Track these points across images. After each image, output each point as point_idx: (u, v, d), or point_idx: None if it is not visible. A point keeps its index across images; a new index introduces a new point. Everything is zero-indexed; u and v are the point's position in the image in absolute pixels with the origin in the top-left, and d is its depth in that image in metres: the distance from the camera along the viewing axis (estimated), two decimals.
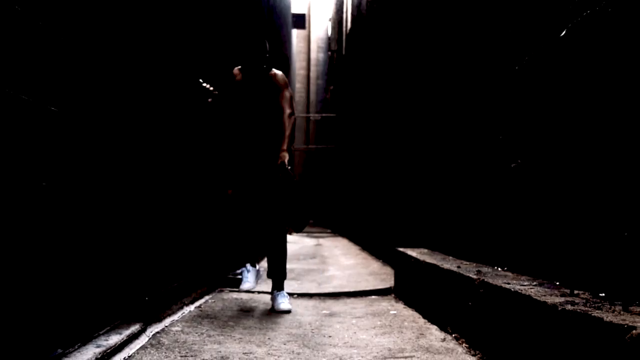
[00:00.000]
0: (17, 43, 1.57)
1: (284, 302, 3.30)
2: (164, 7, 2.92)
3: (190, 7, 3.42)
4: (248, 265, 3.50)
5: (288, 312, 3.25)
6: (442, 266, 2.90)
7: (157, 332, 2.53)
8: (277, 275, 3.37)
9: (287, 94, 3.45)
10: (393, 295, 4.01)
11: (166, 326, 2.66)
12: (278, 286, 3.39)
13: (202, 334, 2.58)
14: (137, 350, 2.23)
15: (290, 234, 11.88)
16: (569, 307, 1.64)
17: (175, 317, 2.92)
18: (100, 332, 2.25)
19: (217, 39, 4.23)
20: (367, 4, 8.90)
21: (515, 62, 2.73)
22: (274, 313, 3.24)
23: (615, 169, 1.91)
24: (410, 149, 5.19)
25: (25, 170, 1.61)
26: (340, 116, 14.15)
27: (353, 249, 8.55)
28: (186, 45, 3.35)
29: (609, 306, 1.64)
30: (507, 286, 2.09)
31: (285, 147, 3.32)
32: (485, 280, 2.29)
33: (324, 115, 15.31)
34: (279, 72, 3.56)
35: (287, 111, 3.40)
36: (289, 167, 3.33)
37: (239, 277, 4.22)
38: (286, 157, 3.28)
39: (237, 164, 3.51)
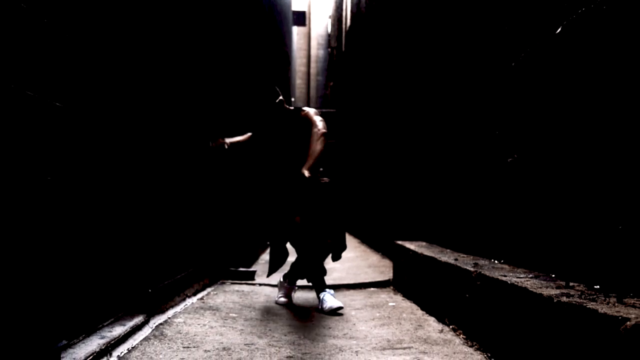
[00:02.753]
0: (22, 40, 1.60)
1: (333, 300, 3.16)
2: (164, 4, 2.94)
3: (189, 3, 3.45)
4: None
5: (340, 308, 3.10)
6: (440, 259, 2.93)
7: (160, 324, 2.56)
8: (320, 275, 3.27)
9: (319, 123, 3.23)
10: (392, 287, 4.05)
11: (169, 318, 2.70)
12: (322, 286, 3.27)
13: (205, 325, 2.62)
14: (141, 341, 2.26)
15: None
16: (564, 299, 1.66)
17: (178, 308, 2.95)
18: (104, 324, 2.29)
19: (216, 35, 4.25)
20: (366, 2, 8.90)
21: (511, 58, 2.76)
22: (274, 305, 3.28)
23: (610, 163, 1.94)
24: (409, 144, 5.21)
25: (30, 165, 1.64)
26: (340, 112, 14.16)
27: (352, 242, 8.59)
28: (184, 39, 3.38)
29: (603, 298, 1.66)
30: (504, 278, 2.12)
31: (308, 166, 3.04)
32: (482, 272, 2.32)
33: (324, 110, 15.32)
34: (311, 110, 3.39)
35: (316, 128, 3.19)
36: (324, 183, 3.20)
37: (241, 269, 4.26)
38: (306, 173, 3.04)
39: (276, 192, 3.36)
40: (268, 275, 3.46)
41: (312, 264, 3.24)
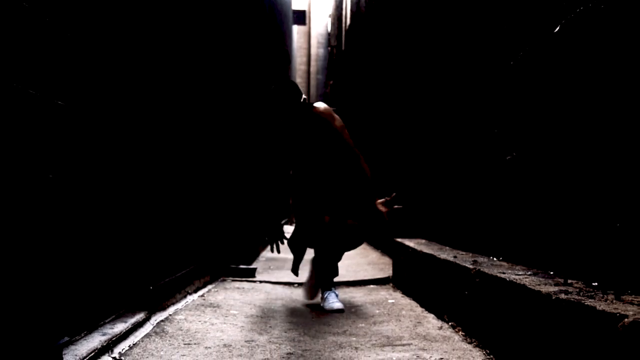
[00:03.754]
0: (24, 39, 1.61)
1: (336, 301, 3.12)
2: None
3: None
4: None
5: (341, 311, 3.05)
6: (439, 256, 2.95)
7: (162, 321, 2.58)
8: (331, 274, 3.20)
9: (345, 132, 3.17)
10: (391, 284, 4.06)
11: (170, 315, 2.72)
12: (329, 285, 3.22)
13: (205, 322, 2.63)
14: (142, 338, 2.28)
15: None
16: (562, 296, 1.67)
17: (179, 305, 2.97)
18: (106, 321, 2.30)
19: (218, 35, 4.26)
20: (366, 1, 8.91)
21: (510, 57, 2.77)
22: (275, 302, 3.29)
23: (607, 161, 1.96)
24: (408, 142, 5.23)
25: (33, 162, 1.66)
26: (339, 110, 14.18)
27: None
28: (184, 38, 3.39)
29: (601, 295, 1.67)
30: (503, 276, 2.14)
31: (377, 198, 3.10)
32: (481, 270, 2.34)
33: None
34: (321, 106, 3.20)
35: (357, 154, 3.14)
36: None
37: (241, 267, 4.28)
38: (382, 208, 3.07)
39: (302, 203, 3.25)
40: (295, 272, 3.39)
41: (329, 263, 3.20)
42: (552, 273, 2.23)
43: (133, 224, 2.56)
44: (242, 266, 4.34)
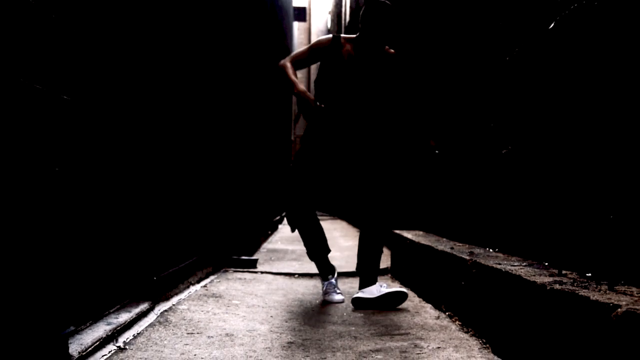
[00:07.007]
0: (30, 35, 1.64)
1: (336, 293, 3.12)
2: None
3: None
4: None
5: (341, 302, 3.08)
6: (437, 247, 2.99)
7: (165, 311, 2.62)
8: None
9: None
10: (389, 275, 4.11)
11: (173, 305, 2.76)
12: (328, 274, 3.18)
13: (208, 312, 2.68)
14: (146, 327, 2.32)
15: None
16: (557, 286, 1.70)
17: (182, 296, 3.02)
18: (111, 311, 2.34)
19: (219, 29, 4.28)
20: None
21: (506, 53, 2.80)
22: (276, 292, 3.33)
23: (601, 155, 1.99)
24: (406, 136, 5.25)
25: (39, 156, 1.69)
26: None
27: (351, 231, 8.65)
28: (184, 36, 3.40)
29: (595, 286, 1.70)
30: (498, 267, 2.18)
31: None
32: (478, 261, 2.38)
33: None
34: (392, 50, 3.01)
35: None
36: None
37: (243, 258, 4.33)
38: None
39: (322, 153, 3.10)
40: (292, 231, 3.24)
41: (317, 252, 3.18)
42: (547, 264, 2.27)
43: (137, 216, 2.60)
44: (243, 257, 4.38)
